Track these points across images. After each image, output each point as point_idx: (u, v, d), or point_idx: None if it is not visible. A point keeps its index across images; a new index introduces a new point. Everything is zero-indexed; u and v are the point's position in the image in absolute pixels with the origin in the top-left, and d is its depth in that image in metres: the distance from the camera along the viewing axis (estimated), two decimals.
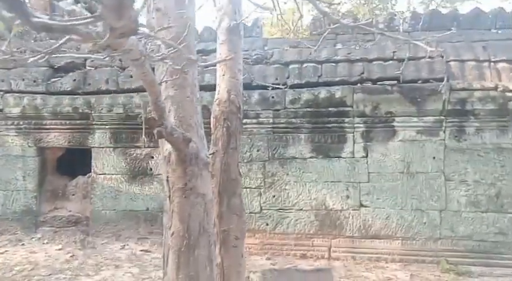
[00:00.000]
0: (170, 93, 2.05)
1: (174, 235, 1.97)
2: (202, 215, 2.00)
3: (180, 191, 1.97)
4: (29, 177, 5.38)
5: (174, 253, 1.96)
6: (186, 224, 1.95)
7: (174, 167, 1.98)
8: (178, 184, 1.97)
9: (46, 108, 5.29)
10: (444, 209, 4.67)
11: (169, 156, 1.99)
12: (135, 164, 5.26)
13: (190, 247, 1.94)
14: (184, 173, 1.96)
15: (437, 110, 4.72)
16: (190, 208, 1.97)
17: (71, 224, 5.31)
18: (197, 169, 1.99)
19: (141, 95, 5.20)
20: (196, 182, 1.99)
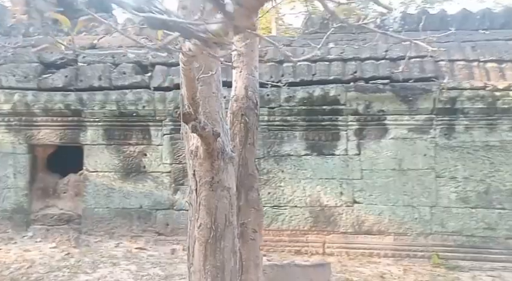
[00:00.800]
0: None
1: (201, 227, 2.02)
2: (228, 208, 2.07)
3: (207, 185, 2.02)
4: (20, 174, 5.30)
5: (201, 245, 2.02)
6: (213, 216, 2.02)
7: (201, 161, 2.02)
8: (205, 177, 2.02)
9: (37, 105, 5.22)
10: (435, 205, 4.78)
11: (197, 150, 2.03)
12: (128, 162, 5.23)
13: (216, 238, 2.01)
14: (212, 167, 2.01)
15: (428, 109, 4.83)
16: (217, 201, 2.03)
17: (63, 223, 5.26)
18: (223, 163, 2.05)
19: (134, 91, 5.19)
20: (222, 175, 2.04)
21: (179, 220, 5.13)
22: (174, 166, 5.19)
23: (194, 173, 2.06)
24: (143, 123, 5.22)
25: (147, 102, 5.15)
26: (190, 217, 2.15)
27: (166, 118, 5.19)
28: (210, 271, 2.01)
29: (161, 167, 5.20)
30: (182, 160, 5.17)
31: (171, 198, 5.16)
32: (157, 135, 5.21)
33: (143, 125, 5.23)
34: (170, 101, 5.13)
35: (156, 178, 5.20)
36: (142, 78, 5.26)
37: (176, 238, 5.08)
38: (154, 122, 5.21)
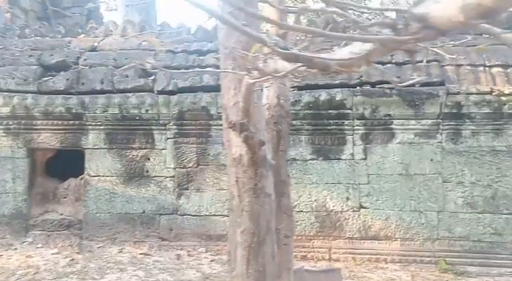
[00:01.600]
0: (239, 99, 2.09)
1: (244, 232, 2.10)
2: (269, 214, 2.11)
3: (250, 191, 2.09)
4: (19, 179, 5.18)
5: (244, 249, 2.11)
6: (257, 222, 2.11)
7: (245, 169, 2.08)
8: (249, 184, 2.10)
9: (37, 108, 5.11)
10: (442, 210, 4.77)
11: (240, 158, 2.05)
12: (131, 166, 5.14)
13: (259, 243, 2.09)
14: (255, 174, 2.08)
15: (434, 113, 4.82)
16: (260, 207, 2.13)
17: (63, 228, 5.14)
18: (265, 170, 2.07)
19: (138, 95, 5.11)
20: (265, 182, 2.10)
21: (183, 225, 5.06)
22: (177, 170, 5.11)
23: (237, 180, 2.11)
24: (146, 127, 5.14)
25: (150, 106, 5.07)
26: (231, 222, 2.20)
27: (170, 122, 5.11)
28: (253, 275, 2.11)
29: (165, 172, 5.12)
30: (186, 164, 5.11)
31: (174, 203, 5.08)
32: (161, 139, 5.14)
33: (146, 129, 5.15)
34: (174, 104, 5.06)
35: (160, 182, 5.12)
36: (146, 82, 5.19)
37: (180, 243, 5.00)
38: (158, 126, 5.13)
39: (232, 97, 2.13)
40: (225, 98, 2.19)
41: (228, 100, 2.16)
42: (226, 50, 2.17)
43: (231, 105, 2.13)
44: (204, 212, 5.06)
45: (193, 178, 5.10)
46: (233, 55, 2.10)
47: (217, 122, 5.07)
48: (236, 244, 2.16)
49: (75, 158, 5.53)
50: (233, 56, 2.11)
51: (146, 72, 5.33)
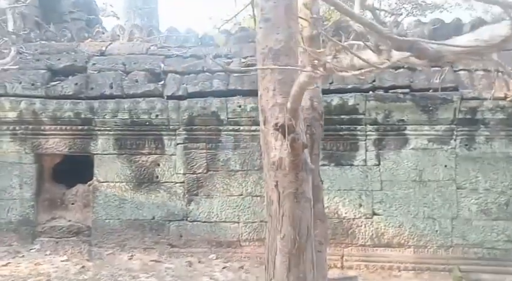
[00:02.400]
0: (278, 100, 2.05)
1: (284, 238, 2.04)
2: (310, 219, 2.05)
3: (291, 196, 2.03)
4: (26, 185, 5.11)
5: (284, 256, 2.05)
6: (298, 228, 2.05)
7: (285, 173, 2.02)
8: (289, 188, 2.03)
9: (45, 113, 5.04)
10: (456, 217, 4.71)
11: (280, 162, 1.98)
12: (140, 172, 5.08)
13: (300, 250, 2.03)
14: (296, 178, 2.02)
15: (448, 119, 4.77)
16: (301, 212, 2.07)
17: (72, 235, 5.07)
18: (305, 174, 2.01)
19: (147, 100, 5.05)
20: (305, 187, 2.03)
21: (193, 231, 4.99)
22: (187, 175, 5.05)
23: (277, 184, 2.05)
24: (156, 132, 5.08)
25: (160, 111, 5.01)
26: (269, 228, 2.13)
27: (179, 127, 5.05)
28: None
29: (174, 177, 5.06)
30: (196, 170, 5.04)
31: (184, 209, 5.02)
32: (171, 144, 5.07)
33: (156, 134, 5.09)
34: (184, 110, 5.00)
35: (169, 188, 5.05)
36: (156, 87, 5.13)
37: (190, 249, 4.93)
38: (168, 131, 5.07)
39: (271, 98, 2.08)
40: (264, 99, 2.13)
41: (266, 102, 2.10)
42: (264, 49, 2.11)
43: (270, 107, 2.08)
44: (214, 218, 5.00)
45: (203, 183, 5.04)
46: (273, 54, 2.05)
47: (227, 127, 5.03)
48: (275, 251, 2.09)
49: (82, 163, 5.47)
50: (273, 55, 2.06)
51: (156, 77, 5.28)
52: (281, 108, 2.04)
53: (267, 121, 2.09)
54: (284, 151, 1.97)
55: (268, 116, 2.08)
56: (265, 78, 2.13)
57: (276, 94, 2.08)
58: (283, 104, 2.02)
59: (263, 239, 4.87)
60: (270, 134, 2.07)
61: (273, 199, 2.11)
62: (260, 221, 4.93)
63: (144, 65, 5.32)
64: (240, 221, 4.96)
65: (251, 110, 4.96)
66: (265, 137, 2.14)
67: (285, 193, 2.04)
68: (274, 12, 2.10)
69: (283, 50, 2.06)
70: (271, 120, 2.02)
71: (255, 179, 4.99)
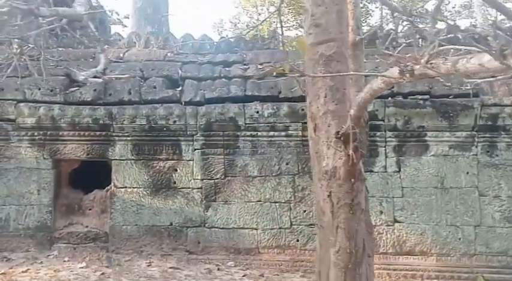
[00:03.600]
0: (330, 107, 2.00)
1: (340, 252, 1.94)
2: (365, 232, 1.96)
3: (347, 207, 1.94)
4: (44, 191, 5.10)
5: (339, 270, 1.95)
6: (354, 240, 1.95)
7: (340, 182, 1.93)
8: (345, 199, 1.95)
9: (64, 119, 5.05)
10: (479, 224, 4.63)
11: (334, 171, 1.91)
12: (158, 177, 5.05)
13: (356, 264, 1.94)
14: (351, 189, 1.93)
15: (469, 126, 4.72)
16: (357, 224, 1.95)
17: (89, 241, 5.04)
18: (360, 184, 1.94)
19: (165, 106, 5.04)
20: (360, 197, 1.95)
21: (211, 237, 4.94)
22: (205, 181, 5.02)
23: (330, 194, 1.96)
24: (174, 138, 5.06)
25: (178, 116, 5.00)
26: (321, 240, 2.05)
27: (197, 133, 5.03)
28: None
29: (192, 183, 5.03)
30: (214, 176, 5.01)
31: (202, 215, 4.98)
32: (188, 150, 5.05)
33: (174, 140, 5.07)
34: (202, 115, 4.99)
35: (187, 194, 5.02)
36: (173, 93, 5.12)
37: (208, 256, 4.88)
38: (185, 137, 5.05)
39: (322, 106, 2.03)
40: (314, 106, 2.08)
41: (317, 109, 2.06)
42: (315, 55, 2.08)
43: (321, 115, 2.03)
44: (232, 224, 4.95)
45: (221, 189, 5.00)
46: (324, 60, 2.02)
47: (245, 132, 5.00)
48: (328, 264, 1.99)
49: (98, 169, 5.45)
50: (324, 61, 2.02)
51: (173, 83, 5.28)
52: (333, 115, 1.99)
53: (317, 129, 2.04)
54: (339, 159, 1.90)
55: (319, 124, 2.02)
56: (315, 84, 2.09)
57: (327, 101, 2.03)
58: (335, 111, 1.98)
59: (282, 247, 4.84)
60: (321, 142, 2.01)
61: (324, 210, 2.03)
62: (279, 227, 4.88)
63: (161, 71, 5.33)
64: (258, 228, 4.91)
65: (269, 116, 4.95)
66: (316, 146, 2.07)
67: (340, 203, 1.97)
68: (326, 17, 2.07)
69: (335, 56, 2.02)
70: (323, 128, 1.98)
71: (273, 185, 4.94)
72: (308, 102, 2.15)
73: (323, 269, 2.05)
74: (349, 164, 1.89)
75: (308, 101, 2.15)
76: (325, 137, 2.00)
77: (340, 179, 1.95)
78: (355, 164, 1.90)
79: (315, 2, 2.06)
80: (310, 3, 2.07)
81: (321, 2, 2.05)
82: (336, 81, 2.00)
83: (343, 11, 2.13)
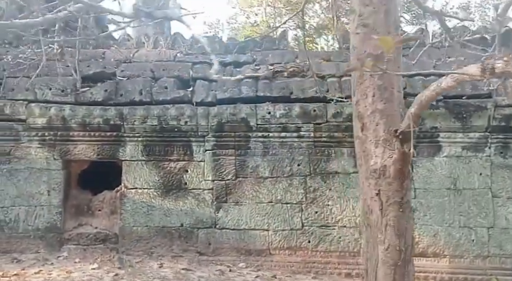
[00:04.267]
0: (379, 106, 2.01)
1: (389, 249, 1.96)
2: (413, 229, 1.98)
3: (396, 205, 1.97)
4: (54, 191, 5.07)
5: (388, 268, 1.97)
6: (404, 238, 1.98)
7: (390, 181, 1.95)
8: (394, 197, 1.97)
9: (75, 119, 5.03)
10: (492, 226, 4.61)
11: (384, 169, 1.92)
12: (168, 178, 5.03)
13: (405, 261, 1.98)
14: (401, 187, 1.96)
15: (482, 127, 4.70)
16: (406, 222, 1.96)
17: (99, 242, 5.01)
18: (409, 182, 1.95)
19: (177, 106, 5.02)
20: (409, 196, 1.97)
21: (221, 239, 4.92)
22: (216, 182, 5.00)
23: (379, 193, 1.97)
24: (185, 138, 5.05)
25: (189, 117, 4.98)
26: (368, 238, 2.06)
27: (208, 134, 5.01)
28: None
29: (203, 184, 5.01)
30: (225, 177, 4.99)
31: (213, 216, 4.95)
32: (199, 151, 5.03)
33: (184, 141, 5.05)
34: (214, 116, 4.97)
35: (198, 195, 5.00)
36: (185, 93, 5.11)
37: (218, 258, 4.86)
38: (197, 138, 5.03)
39: (370, 105, 2.04)
40: (361, 105, 2.09)
41: (364, 108, 2.07)
42: (362, 54, 2.08)
43: (369, 114, 2.04)
44: (243, 225, 4.93)
45: (232, 190, 4.98)
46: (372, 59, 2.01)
47: (256, 133, 4.99)
48: (376, 262, 2.00)
49: (106, 170, 5.44)
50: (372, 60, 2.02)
51: (184, 83, 5.27)
52: (381, 114, 2.00)
53: (365, 128, 2.05)
54: (388, 158, 1.92)
55: (367, 123, 2.04)
56: (363, 84, 2.10)
57: (375, 100, 2.05)
58: (383, 110, 1.99)
59: (294, 248, 4.81)
60: (368, 141, 2.02)
61: (372, 208, 2.05)
62: (290, 229, 4.86)
63: (172, 71, 5.31)
64: (269, 229, 4.89)
65: (280, 117, 4.93)
66: (363, 144, 2.09)
67: (389, 202, 2.00)
68: (374, 17, 2.08)
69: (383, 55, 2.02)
70: (370, 127, 1.99)
71: (284, 186, 4.92)
72: (355, 101, 2.16)
73: (370, 266, 2.08)
74: (400, 162, 1.90)
75: (355, 100, 2.17)
76: (373, 136, 2.02)
77: (390, 178, 1.97)
78: (407, 163, 1.92)
79: (362, 2, 2.07)
80: (357, 4, 2.08)
81: (369, 2, 2.06)
82: (384, 81, 2.03)
83: (391, 11, 2.14)
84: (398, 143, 1.80)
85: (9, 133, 5.10)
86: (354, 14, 2.11)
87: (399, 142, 1.80)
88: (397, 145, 1.81)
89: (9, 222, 5.02)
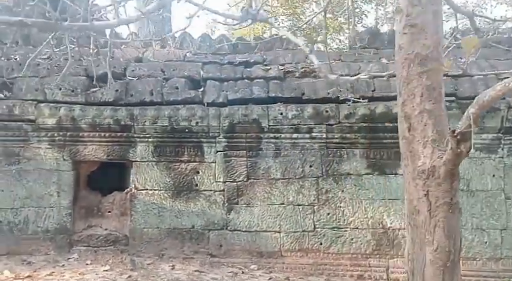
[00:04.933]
0: (427, 107, 2.00)
1: (438, 250, 1.99)
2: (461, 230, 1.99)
3: (446, 206, 2.00)
4: (64, 192, 5.04)
5: (437, 269, 2.01)
6: (453, 239, 2.01)
7: (439, 181, 1.97)
8: (444, 198, 2.00)
9: (85, 120, 4.99)
10: (505, 228, 4.60)
11: (433, 170, 1.92)
12: (179, 179, 5.00)
13: (454, 262, 1.99)
14: (451, 188, 1.96)
15: (495, 128, 4.69)
16: (455, 223, 1.95)
17: (109, 244, 4.98)
18: (458, 183, 1.95)
19: (188, 107, 4.99)
20: (458, 197, 1.97)
21: (233, 240, 4.89)
22: (227, 184, 4.97)
23: (427, 193, 1.97)
24: (195, 139, 5.02)
25: (200, 118, 4.95)
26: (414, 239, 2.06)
27: (219, 135, 4.98)
28: None
29: (214, 185, 4.98)
30: (236, 178, 4.97)
31: (224, 218, 4.93)
32: (210, 152, 5.01)
33: (195, 142, 5.02)
34: (225, 117, 4.94)
35: (209, 196, 4.97)
36: (196, 94, 5.08)
37: (230, 260, 4.83)
38: (208, 139, 5.00)
39: (418, 105, 2.04)
40: (408, 106, 2.08)
41: (412, 108, 2.06)
42: (410, 55, 2.07)
43: (417, 114, 2.03)
44: (254, 227, 4.90)
45: (244, 192, 4.96)
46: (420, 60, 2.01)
47: (268, 135, 4.96)
48: (423, 263, 2.01)
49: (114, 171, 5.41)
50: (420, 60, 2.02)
51: (195, 84, 5.24)
52: (429, 115, 2.00)
53: (412, 128, 2.06)
54: (438, 159, 1.91)
55: (414, 123, 2.04)
56: (410, 83, 2.10)
57: (424, 100, 2.04)
58: (431, 110, 1.98)
59: (305, 250, 4.79)
60: (416, 141, 2.02)
61: (419, 209, 2.05)
62: (302, 230, 4.84)
63: (182, 71, 5.28)
64: (281, 231, 4.86)
65: (292, 118, 4.91)
66: (410, 145, 2.09)
67: (438, 203, 2.00)
68: (422, 17, 2.08)
69: (432, 56, 2.05)
70: (418, 127, 1.99)
71: (296, 187, 4.90)
72: (401, 102, 2.16)
73: (416, 267, 2.09)
74: (452, 162, 1.90)
75: (401, 100, 2.16)
76: (421, 136, 2.01)
77: (440, 178, 1.96)
78: (458, 164, 1.92)
79: (410, 2, 2.06)
80: (405, 3, 2.06)
81: (418, 2, 2.04)
82: (433, 81, 2.03)
83: (439, 12, 2.13)
84: (454, 143, 1.79)
85: (18, 134, 5.06)
86: (401, 13, 2.10)
87: (455, 142, 1.79)
88: (453, 145, 1.80)
89: (18, 223, 4.98)
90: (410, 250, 2.13)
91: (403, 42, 2.09)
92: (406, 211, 2.19)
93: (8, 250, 4.88)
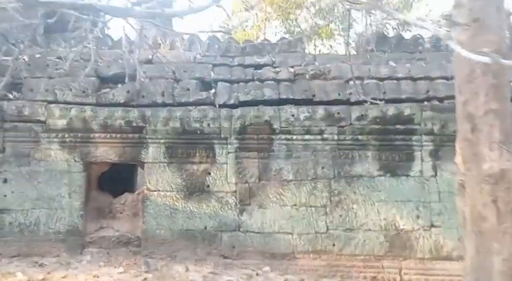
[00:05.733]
0: (493, 106, 1.95)
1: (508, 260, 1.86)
2: None
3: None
4: (75, 194, 5.01)
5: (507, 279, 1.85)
6: None
7: (509, 186, 1.86)
8: None
9: (96, 121, 4.97)
10: None
11: (502, 174, 1.87)
12: (191, 181, 5.00)
13: None
14: None
15: None
16: None
17: (121, 245, 4.97)
18: None
19: (200, 108, 4.99)
20: None
21: (245, 242, 4.89)
22: (239, 185, 4.97)
23: (496, 199, 1.91)
24: (207, 141, 5.02)
25: (212, 119, 4.95)
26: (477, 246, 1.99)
27: (231, 136, 4.99)
28: None
29: (226, 187, 4.98)
30: (248, 180, 4.97)
31: (236, 219, 4.93)
32: (222, 153, 5.01)
33: (207, 143, 5.02)
34: (237, 118, 4.94)
35: (221, 198, 4.97)
36: (207, 95, 5.08)
37: (243, 261, 4.83)
38: (219, 140, 5.00)
39: (482, 105, 1.96)
40: (471, 105, 2.00)
41: (475, 108, 1.99)
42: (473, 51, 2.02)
43: (482, 114, 1.96)
44: (267, 229, 4.90)
45: (256, 193, 4.96)
46: None
47: (280, 136, 4.97)
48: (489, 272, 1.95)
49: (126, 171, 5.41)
50: None
51: (206, 85, 5.23)
52: (496, 115, 1.92)
53: (476, 129, 1.95)
54: (507, 162, 1.84)
55: (478, 124, 1.94)
56: (473, 82, 2.00)
57: (489, 100, 1.95)
58: (497, 110, 1.91)
59: (318, 251, 4.80)
60: (480, 143, 1.92)
61: (485, 215, 1.97)
62: (315, 232, 4.84)
63: (193, 73, 5.27)
64: (294, 233, 4.87)
65: (304, 119, 4.92)
66: (473, 147, 1.99)
67: (508, 209, 1.93)
68: (485, 11, 2.00)
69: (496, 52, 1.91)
70: (483, 129, 1.91)
71: (308, 189, 4.91)
72: (462, 101, 2.06)
73: (483, 276, 2.00)
74: None
75: (462, 99, 2.06)
76: (487, 138, 1.94)
77: (510, 183, 1.90)
78: None
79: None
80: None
81: None
82: (499, 79, 1.95)
83: (502, 8, 2.06)
84: None
85: (29, 135, 5.03)
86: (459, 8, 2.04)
87: None
88: None
89: (29, 225, 4.95)
90: (473, 259, 2.07)
91: (464, 38, 1.99)
92: (468, 217, 2.11)
93: (19, 251, 4.85)
